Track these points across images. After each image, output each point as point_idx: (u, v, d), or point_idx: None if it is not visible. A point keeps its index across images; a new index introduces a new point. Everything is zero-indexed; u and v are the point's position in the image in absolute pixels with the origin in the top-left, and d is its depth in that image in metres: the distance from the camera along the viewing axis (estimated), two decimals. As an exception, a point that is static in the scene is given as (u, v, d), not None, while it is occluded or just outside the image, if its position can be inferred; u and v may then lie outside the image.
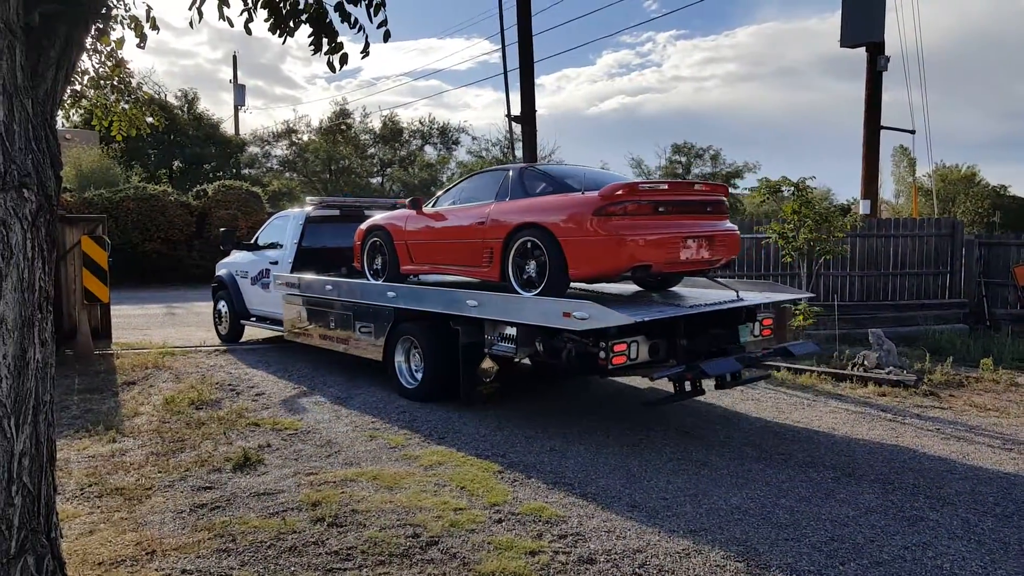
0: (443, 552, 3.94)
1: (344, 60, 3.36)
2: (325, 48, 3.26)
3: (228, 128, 37.87)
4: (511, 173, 7.13)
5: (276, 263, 10.14)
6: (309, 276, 9.23)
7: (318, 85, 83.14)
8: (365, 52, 3.41)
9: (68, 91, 4.23)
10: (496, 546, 4.00)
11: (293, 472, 5.28)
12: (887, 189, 37.58)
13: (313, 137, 35.06)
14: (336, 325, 8.66)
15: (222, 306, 11.36)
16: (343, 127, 35.42)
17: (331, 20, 3.26)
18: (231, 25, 3.37)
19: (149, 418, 6.83)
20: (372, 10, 3.32)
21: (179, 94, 36.18)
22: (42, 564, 2.45)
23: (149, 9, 4.95)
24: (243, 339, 11.23)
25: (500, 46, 15.15)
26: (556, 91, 73.53)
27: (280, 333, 10.03)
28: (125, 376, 8.73)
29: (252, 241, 11.13)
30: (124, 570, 3.79)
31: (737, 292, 7.05)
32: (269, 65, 77.67)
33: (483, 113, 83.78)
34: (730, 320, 6.75)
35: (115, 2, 4.84)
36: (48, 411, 2.53)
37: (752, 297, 6.94)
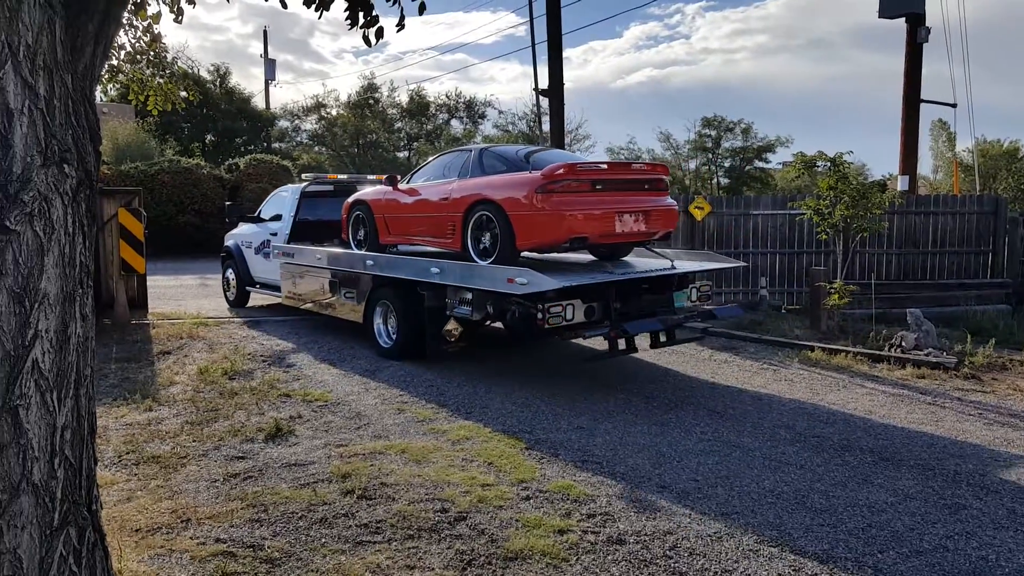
0: (471, 528, 3.94)
1: (380, 34, 3.29)
2: (361, 22, 3.19)
3: (259, 102, 38.04)
4: (472, 154, 7.87)
5: (275, 234, 10.88)
6: (302, 246, 10.03)
7: (346, 60, 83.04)
8: (400, 25, 3.34)
9: (106, 65, 4.25)
10: (524, 524, 3.99)
11: (323, 443, 5.32)
12: (925, 164, 36.56)
13: (342, 111, 35.04)
14: (325, 291, 9.45)
15: (230, 274, 12.11)
16: (371, 101, 35.31)
17: None
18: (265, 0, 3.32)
19: (184, 387, 6.94)
20: None
21: (211, 69, 36.39)
22: (83, 536, 2.49)
23: None
24: (248, 304, 11.88)
25: (527, 19, 14.93)
26: (582, 64, 72.50)
27: (279, 299, 10.74)
28: (161, 346, 8.88)
29: (256, 214, 11.77)
30: (160, 537, 3.86)
31: (672, 262, 7.78)
32: (298, 40, 77.72)
33: (509, 87, 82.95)
34: (663, 287, 7.40)
35: None
36: (89, 384, 2.55)
37: (686, 266, 7.67)
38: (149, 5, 5.12)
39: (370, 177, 11.59)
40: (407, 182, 8.66)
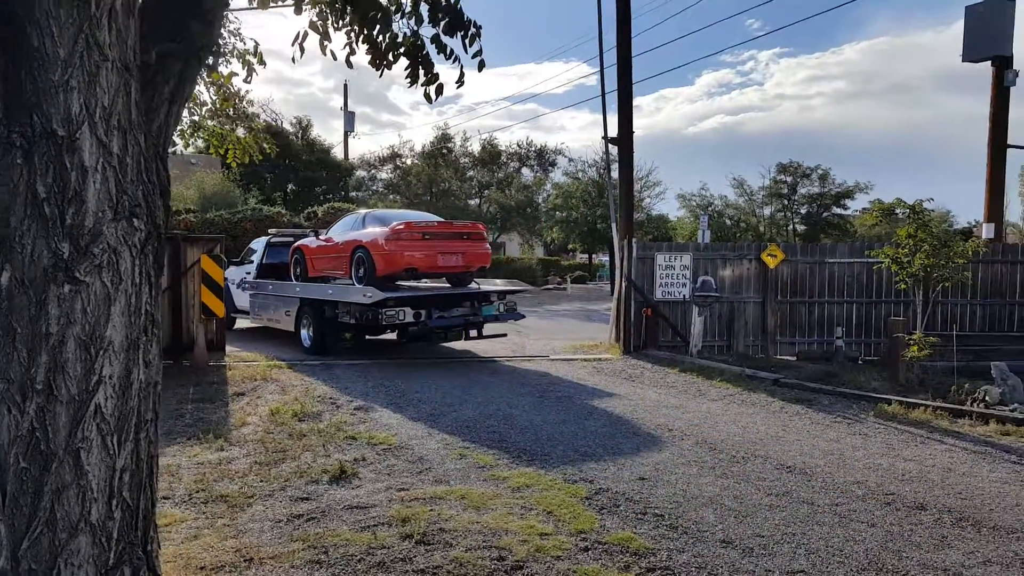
0: (527, 577, 3.91)
1: (440, 91, 3.45)
2: (422, 79, 3.36)
3: (338, 153, 39.71)
4: (360, 215, 12.38)
5: (249, 273, 14.76)
6: (262, 281, 14.16)
7: (421, 111, 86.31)
8: (460, 82, 3.49)
9: (188, 121, 4.56)
10: None
11: (385, 487, 5.39)
12: (1014, 211, 34.79)
13: (416, 161, 36.12)
14: (272, 310, 13.47)
15: None
16: (444, 151, 36.29)
17: (427, 52, 3.35)
18: (335, 58, 3.52)
19: (255, 428, 7.17)
20: (467, 41, 3.39)
21: (294, 121, 38.32)
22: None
23: (257, 45, 5.28)
24: (235, 327, 15.33)
25: (598, 69, 15.17)
26: (654, 112, 72.88)
27: (248, 319, 14.72)
28: (235, 387, 9.23)
29: (239, 259, 15.57)
30: (224, 576, 3.97)
31: (479, 285, 12.17)
32: (376, 93, 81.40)
33: (578, 135, 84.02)
34: (472, 300, 11.52)
35: (227, 38, 5.18)
36: (149, 429, 2.64)
37: (488, 288, 12.05)
38: (226, 64, 5.45)
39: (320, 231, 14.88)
40: (326, 234, 12.73)
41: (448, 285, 12.13)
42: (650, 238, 34.00)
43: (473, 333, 11.63)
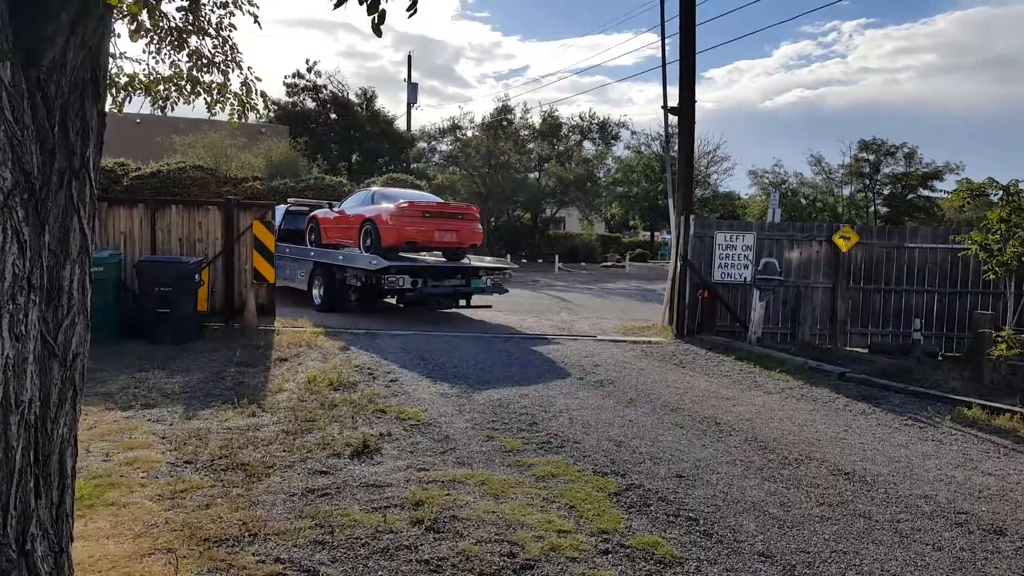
0: (536, 580, 3.56)
1: (382, 17, 2.86)
2: (366, 9, 2.81)
3: (401, 124, 39.71)
4: (370, 193, 14.15)
5: None
6: (278, 244, 14.39)
7: (487, 83, 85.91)
8: (413, 8, 2.93)
9: (185, 74, 4.17)
10: (596, 582, 3.55)
11: (406, 466, 5.15)
12: None
13: (476, 133, 35.56)
14: (289, 272, 14.86)
15: None
16: (504, 123, 35.57)
17: None
18: None
19: (289, 395, 7.06)
20: None
21: (359, 92, 38.42)
22: None
23: None
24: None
25: (661, 37, 14.38)
26: (727, 84, 70.30)
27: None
28: (279, 352, 9.20)
29: None
30: (224, 550, 3.79)
31: (470, 260, 13.45)
32: (444, 66, 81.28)
33: (645, 108, 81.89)
34: (463, 273, 12.92)
35: None
36: (27, 411, 2.31)
37: (477, 263, 13.41)
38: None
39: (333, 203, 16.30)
40: (339, 207, 14.44)
41: (444, 259, 13.43)
42: (717, 216, 32.85)
43: (462, 302, 13.28)
